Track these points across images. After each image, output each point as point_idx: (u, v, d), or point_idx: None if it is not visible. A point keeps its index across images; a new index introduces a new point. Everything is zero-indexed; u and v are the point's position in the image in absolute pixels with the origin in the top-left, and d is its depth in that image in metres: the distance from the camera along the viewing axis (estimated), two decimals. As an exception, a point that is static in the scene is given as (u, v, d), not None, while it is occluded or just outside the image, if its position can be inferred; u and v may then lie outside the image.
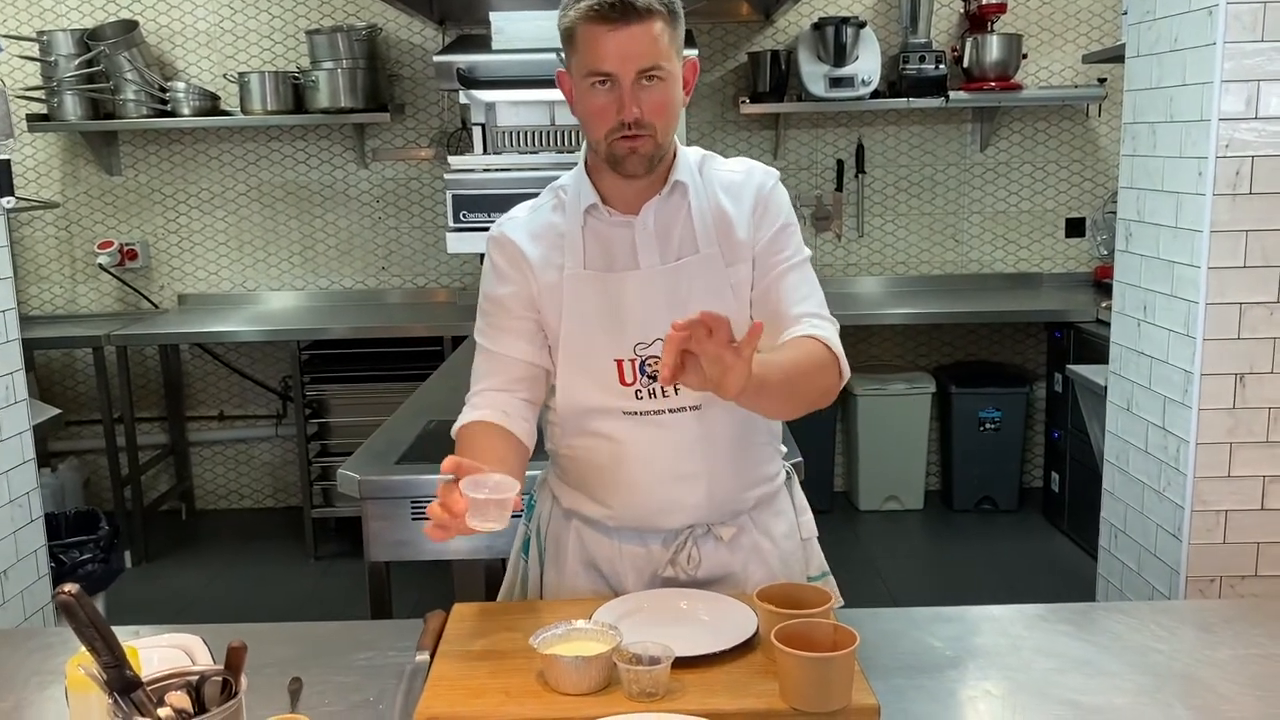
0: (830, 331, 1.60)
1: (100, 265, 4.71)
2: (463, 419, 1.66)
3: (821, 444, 4.63)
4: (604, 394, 1.62)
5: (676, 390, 1.59)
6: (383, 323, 4.50)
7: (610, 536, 1.70)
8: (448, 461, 1.40)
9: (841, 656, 1.27)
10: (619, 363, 1.61)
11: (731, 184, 1.67)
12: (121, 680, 1.10)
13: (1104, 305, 3.80)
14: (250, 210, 4.82)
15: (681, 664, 1.36)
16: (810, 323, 1.60)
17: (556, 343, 1.64)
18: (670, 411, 1.62)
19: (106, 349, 4.36)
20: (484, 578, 2.64)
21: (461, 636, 1.49)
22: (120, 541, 3.62)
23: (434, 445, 2.54)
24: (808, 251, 1.69)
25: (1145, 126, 2.81)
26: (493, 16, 2.78)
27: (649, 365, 1.60)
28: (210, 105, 4.54)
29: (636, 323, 1.59)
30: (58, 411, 3.13)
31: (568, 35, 1.54)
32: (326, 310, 4.76)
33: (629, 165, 1.55)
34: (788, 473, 1.82)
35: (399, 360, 4.40)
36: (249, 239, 4.85)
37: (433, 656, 1.46)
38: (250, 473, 5.04)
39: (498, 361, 1.66)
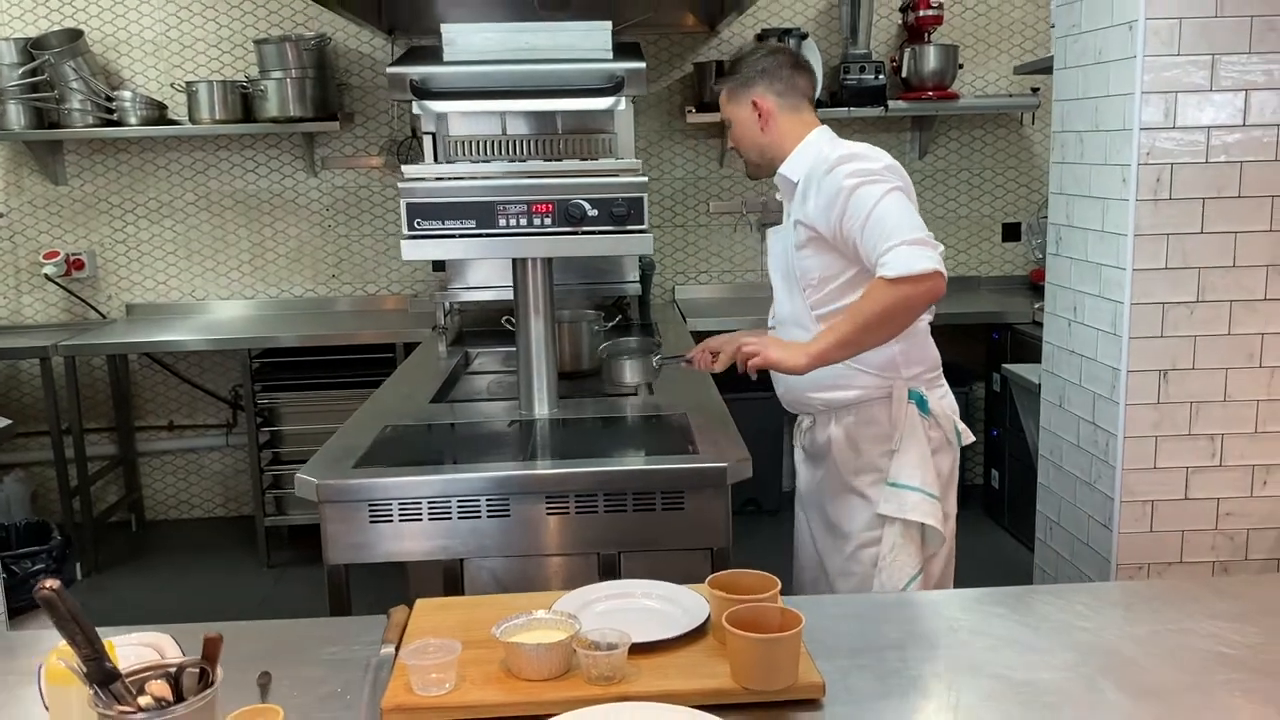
0: (889, 259, 2.09)
1: (46, 275, 4.67)
2: None
3: (771, 446, 4.72)
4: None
5: (773, 314, 2.49)
6: (334, 330, 4.52)
7: None
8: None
9: (788, 637, 1.35)
10: None
11: (810, 169, 2.29)
12: (101, 672, 1.15)
13: (1038, 307, 3.94)
14: (199, 219, 4.82)
15: (638, 649, 1.43)
16: (879, 264, 2.11)
17: None
18: (771, 327, 2.50)
19: (54, 359, 4.33)
20: (442, 579, 2.68)
21: (428, 628, 1.54)
22: (71, 552, 3.60)
23: (391, 449, 2.59)
24: (877, 192, 2.15)
25: (1073, 135, 2.94)
26: (444, 28, 2.83)
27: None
28: (157, 114, 4.53)
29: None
30: (8, 422, 3.12)
31: None
32: (277, 319, 4.77)
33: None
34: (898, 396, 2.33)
35: (350, 367, 4.43)
36: (198, 248, 4.84)
37: (397, 649, 1.51)
38: (200, 482, 5.03)
39: None
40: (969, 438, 2.42)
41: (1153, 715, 1.34)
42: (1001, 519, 4.63)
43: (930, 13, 4.62)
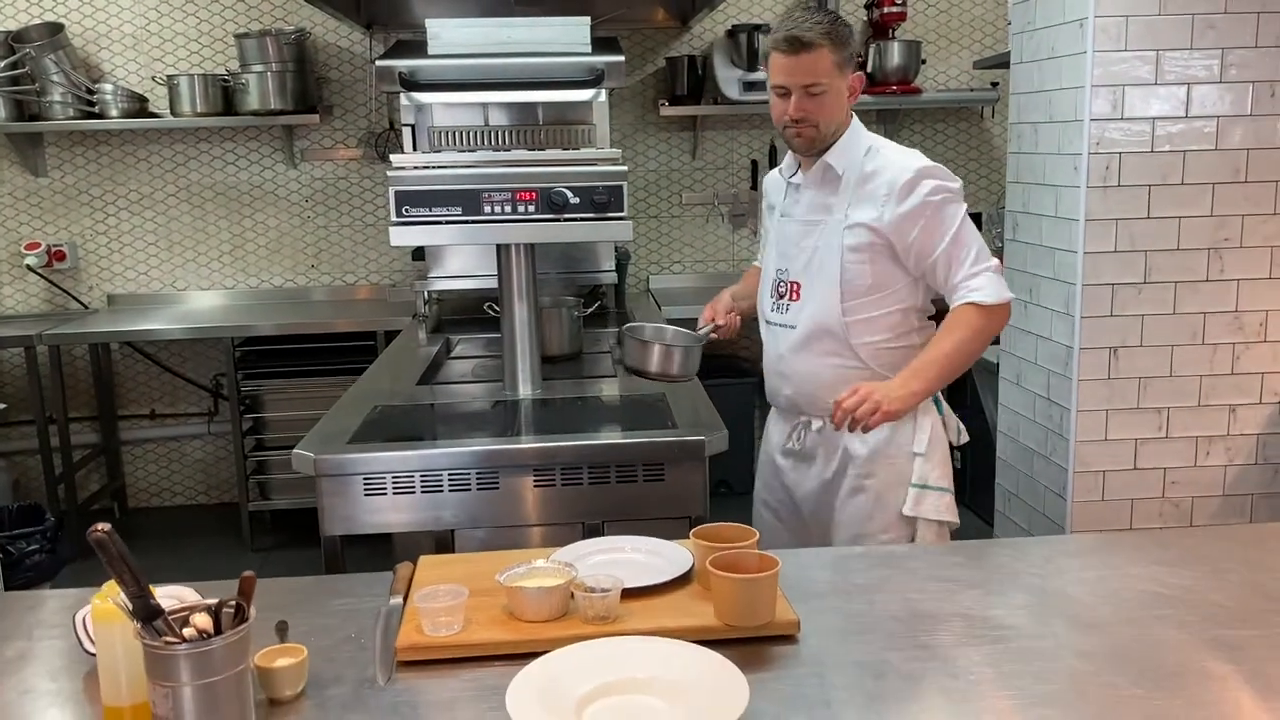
0: (978, 284, 2.14)
1: (28, 266, 4.73)
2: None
3: (743, 430, 4.87)
4: (764, 296, 2.38)
5: (788, 310, 2.30)
6: (313, 320, 4.60)
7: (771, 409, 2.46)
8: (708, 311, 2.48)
9: (766, 577, 1.48)
10: (770, 280, 2.36)
11: (875, 172, 2.19)
12: (146, 609, 1.26)
13: (998, 292, 4.10)
14: (180, 211, 4.89)
15: (629, 594, 1.56)
16: (966, 288, 2.15)
17: None
18: (780, 325, 2.32)
19: (39, 349, 4.39)
20: (434, 550, 2.79)
21: (432, 580, 1.66)
22: (64, 534, 3.68)
23: (382, 427, 2.70)
24: (959, 213, 2.18)
25: (1029, 126, 3.10)
26: (428, 23, 2.94)
27: (780, 286, 2.33)
28: (138, 107, 4.60)
29: (782, 254, 2.32)
30: (3, 406, 3.19)
31: (765, 56, 2.18)
32: (257, 308, 4.84)
33: (796, 146, 2.24)
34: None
35: (331, 356, 4.51)
36: (178, 239, 4.91)
37: (405, 600, 1.63)
38: (183, 470, 5.10)
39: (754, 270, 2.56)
40: (964, 437, 2.45)
41: (1096, 644, 1.49)
42: (963, 497, 4.77)
43: (894, 9, 4.78)
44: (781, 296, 2.30)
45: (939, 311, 2.26)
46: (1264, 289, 2.87)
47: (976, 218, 5.19)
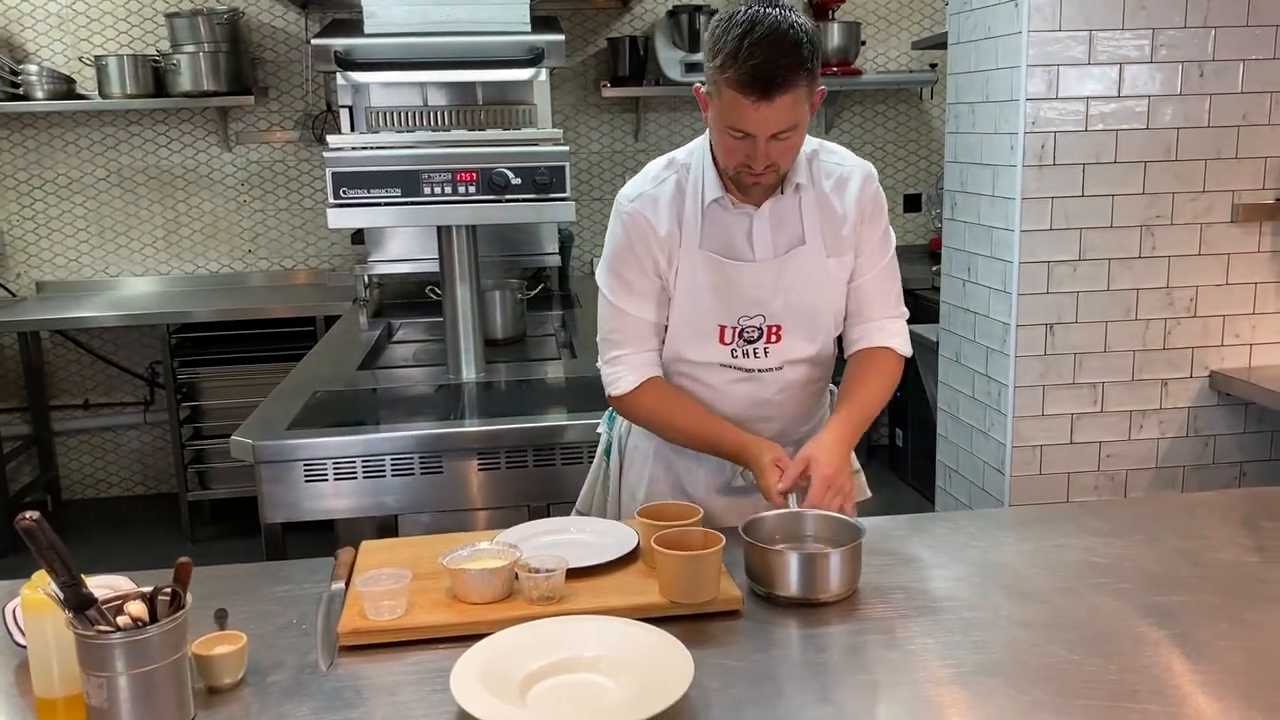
0: (898, 329, 1.93)
1: (-49, 253, 4.59)
2: (628, 382, 1.90)
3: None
4: (704, 349, 1.89)
5: (766, 353, 1.88)
6: (251, 305, 4.52)
7: (690, 451, 1.95)
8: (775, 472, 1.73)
9: (710, 554, 1.49)
10: (722, 327, 1.87)
11: (840, 180, 1.86)
12: (78, 598, 1.23)
13: (935, 270, 4.14)
14: (111, 195, 4.77)
15: (574, 574, 1.55)
16: (880, 326, 1.92)
17: (670, 302, 1.88)
18: (760, 371, 1.90)
19: (-35, 338, 4.27)
20: (376, 536, 2.77)
21: (375, 565, 1.64)
22: (-6, 527, 3.58)
23: (322, 412, 2.67)
24: (894, 239, 1.94)
25: (966, 106, 3.13)
26: (365, 1, 2.89)
27: (747, 332, 1.88)
28: (65, 89, 4.47)
29: (745, 300, 1.85)
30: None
31: (714, 83, 1.66)
32: (192, 295, 4.75)
33: (752, 193, 1.79)
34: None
35: (269, 342, 4.44)
36: (110, 224, 4.79)
37: (347, 585, 1.61)
38: (119, 460, 4.99)
39: (632, 322, 1.89)
40: None
41: (1033, 613, 1.52)
42: (905, 475, 4.86)
43: (834, -9, 4.80)
44: (751, 342, 1.88)
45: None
46: (1193, 265, 2.94)
47: (916, 199, 5.27)
